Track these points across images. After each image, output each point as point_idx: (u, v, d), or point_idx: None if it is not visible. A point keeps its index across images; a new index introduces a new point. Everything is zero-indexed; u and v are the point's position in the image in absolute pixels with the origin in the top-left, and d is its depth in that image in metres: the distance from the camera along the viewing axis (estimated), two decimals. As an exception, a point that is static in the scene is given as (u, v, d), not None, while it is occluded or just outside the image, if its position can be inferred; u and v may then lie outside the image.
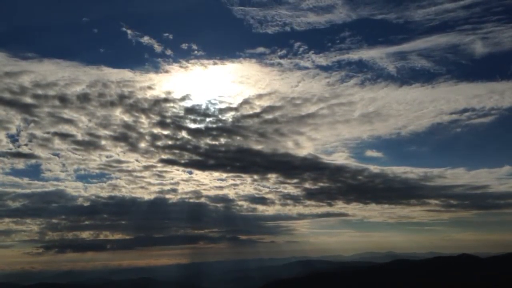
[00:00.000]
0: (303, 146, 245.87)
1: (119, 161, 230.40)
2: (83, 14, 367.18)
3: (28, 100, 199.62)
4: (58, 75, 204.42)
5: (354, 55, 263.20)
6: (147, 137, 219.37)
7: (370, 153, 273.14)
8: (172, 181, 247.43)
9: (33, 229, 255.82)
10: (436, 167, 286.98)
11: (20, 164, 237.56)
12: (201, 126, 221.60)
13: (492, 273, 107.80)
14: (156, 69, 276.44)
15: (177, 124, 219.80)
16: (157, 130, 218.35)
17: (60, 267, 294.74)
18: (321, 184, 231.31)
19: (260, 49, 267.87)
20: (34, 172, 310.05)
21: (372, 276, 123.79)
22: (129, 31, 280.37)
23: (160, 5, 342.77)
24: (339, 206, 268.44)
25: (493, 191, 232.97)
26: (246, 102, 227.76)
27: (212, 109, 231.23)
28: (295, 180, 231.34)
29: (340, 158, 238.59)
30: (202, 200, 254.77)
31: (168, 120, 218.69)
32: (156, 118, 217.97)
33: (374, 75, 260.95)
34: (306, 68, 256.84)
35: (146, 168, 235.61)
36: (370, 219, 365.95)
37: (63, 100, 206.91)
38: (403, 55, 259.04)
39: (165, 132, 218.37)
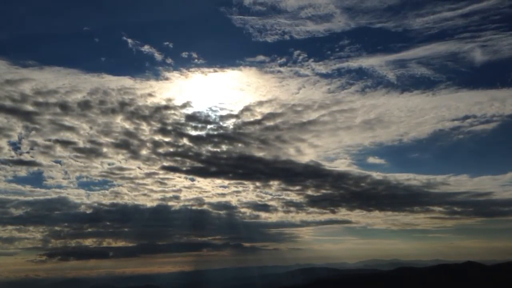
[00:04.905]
0: (305, 153, 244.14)
1: (121, 168, 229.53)
2: (84, 24, 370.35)
3: (29, 107, 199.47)
4: (58, 82, 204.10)
5: (353, 63, 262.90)
6: (148, 144, 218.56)
7: (372, 160, 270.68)
8: (174, 188, 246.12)
9: (36, 236, 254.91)
10: (439, 174, 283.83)
11: (22, 171, 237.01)
12: (202, 133, 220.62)
13: (497, 280, 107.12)
14: (157, 76, 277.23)
15: (178, 131, 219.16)
16: (158, 137, 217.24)
17: (64, 275, 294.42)
18: (324, 191, 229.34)
19: (260, 57, 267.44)
20: (36, 179, 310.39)
21: (376, 284, 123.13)
22: (129, 40, 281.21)
23: (161, 15, 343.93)
24: (342, 213, 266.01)
25: (497, 198, 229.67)
26: (247, 109, 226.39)
27: (213, 116, 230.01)
28: (297, 187, 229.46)
29: (342, 165, 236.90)
30: (205, 207, 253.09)
31: (169, 127, 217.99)
32: (157, 125, 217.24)
33: (374, 82, 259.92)
34: (306, 75, 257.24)
35: (148, 175, 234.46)
36: (374, 226, 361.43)
37: (64, 107, 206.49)
38: (403, 63, 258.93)
39: (167, 139, 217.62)
